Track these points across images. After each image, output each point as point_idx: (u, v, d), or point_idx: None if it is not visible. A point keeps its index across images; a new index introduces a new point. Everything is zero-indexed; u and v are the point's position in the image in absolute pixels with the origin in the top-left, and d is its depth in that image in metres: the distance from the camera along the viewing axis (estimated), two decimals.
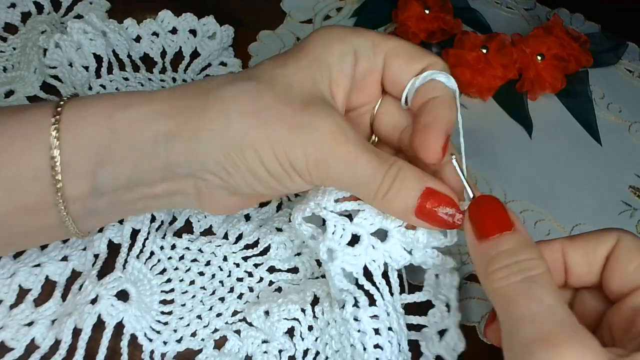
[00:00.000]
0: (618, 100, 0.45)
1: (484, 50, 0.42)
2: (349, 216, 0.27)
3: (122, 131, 0.24)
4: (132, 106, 0.24)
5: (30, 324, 0.28)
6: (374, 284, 0.27)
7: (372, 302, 0.27)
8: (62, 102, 0.24)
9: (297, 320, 0.29)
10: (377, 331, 0.27)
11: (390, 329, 0.27)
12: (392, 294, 0.28)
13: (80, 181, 0.24)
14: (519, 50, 0.43)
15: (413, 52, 0.27)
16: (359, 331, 0.27)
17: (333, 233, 0.27)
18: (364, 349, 0.27)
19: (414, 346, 0.28)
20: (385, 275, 0.28)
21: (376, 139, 0.30)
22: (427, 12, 0.45)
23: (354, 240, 0.27)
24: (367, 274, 0.27)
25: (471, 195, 0.25)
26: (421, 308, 0.29)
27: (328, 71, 0.26)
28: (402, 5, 0.46)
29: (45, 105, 0.25)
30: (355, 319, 0.27)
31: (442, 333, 0.28)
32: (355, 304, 0.27)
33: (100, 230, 0.31)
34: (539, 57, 0.43)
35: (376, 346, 0.27)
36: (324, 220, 0.27)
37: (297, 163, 0.24)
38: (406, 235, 0.27)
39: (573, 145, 0.42)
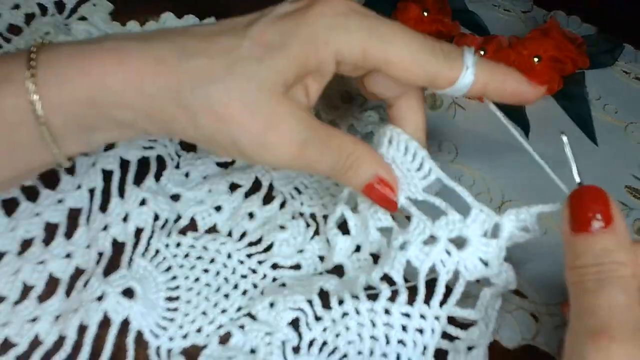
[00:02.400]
0: (614, 101, 0.46)
1: (482, 52, 0.43)
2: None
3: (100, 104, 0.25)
4: (107, 81, 0.24)
5: (34, 320, 0.28)
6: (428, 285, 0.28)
7: (410, 300, 0.28)
8: (33, 54, 0.24)
9: (302, 310, 0.29)
10: (404, 328, 0.28)
11: (420, 331, 0.28)
12: (441, 305, 0.28)
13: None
14: (516, 52, 0.43)
15: (419, 60, 0.26)
16: (387, 324, 0.28)
17: (414, 229, 0.28)
18: (387, 342, 0.28)
19: (443, 355, 0.28)
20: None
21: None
22: (425, 14, 0.46)
23: (431, 241, 0.28)
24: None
25: (577, 181, 0.25)
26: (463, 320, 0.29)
27: (304, 71, 0.26)
28: (401, 7, 0.46)
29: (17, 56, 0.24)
30: (387, 312, 0.28)
31: (470, 348, 0.28)
32: (390, 298, 0.28)
33: (105, 228, 0.31)
34: (535, 59, 0.44)
35: (400, 342, 0.28)
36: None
37: (268, 162, 0.27)
38: (488, 245, 0.27)
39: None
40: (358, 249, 0.32)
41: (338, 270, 0.32)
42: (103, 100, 0.25)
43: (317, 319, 0.29)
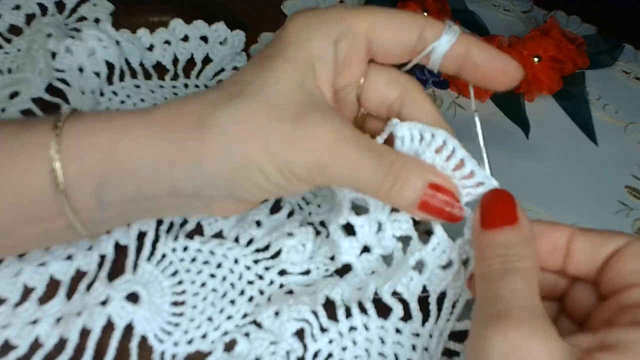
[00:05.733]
0: (614, 101, 0.46)
1: None
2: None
3: (123, 161, 0.24)
4: (130, 132, 0.25)
5: (34, 322, 0.28)
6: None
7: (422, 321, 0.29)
8: (60, 123, 0.25)
9: (307, 321, 0.29)
10: (413, 347, 0.28)
11: (426, 349, 0.28)
12: (448, 320, 0.28)
13: (85, 198, 0.25)
14: (516, 52, 0.44)
15: (398, 21, 0.27)
16: (396, 342, 0.28)
17: (433, 249, 0.28)
18: (396, 359, 0.28)
19: None
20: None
21: (365, 112, 0.30)
22: (425, 14, 0.46)
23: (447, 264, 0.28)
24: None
25: (494, 184, 0.27)
26: (460, 335, 0.29)
27: (312, 69, 0.26)
28: (401, 7, 0.47)
29: (43, 124, 0.25)
30: (397, 331, 0.28)
31: None
32: (402, 318, 0.29)
33: (108, 232, 0.31)
34: (535, 59, 0.44)
35: None
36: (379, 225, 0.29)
37: (300, 174, 0.25)
38: None
39: (570, 145, 0.43)
40: (367, 249, 0.31)
41: (348, 269, 0.31)
42: (123, 149, 0.24)
43: (323, 330, 0.29)
